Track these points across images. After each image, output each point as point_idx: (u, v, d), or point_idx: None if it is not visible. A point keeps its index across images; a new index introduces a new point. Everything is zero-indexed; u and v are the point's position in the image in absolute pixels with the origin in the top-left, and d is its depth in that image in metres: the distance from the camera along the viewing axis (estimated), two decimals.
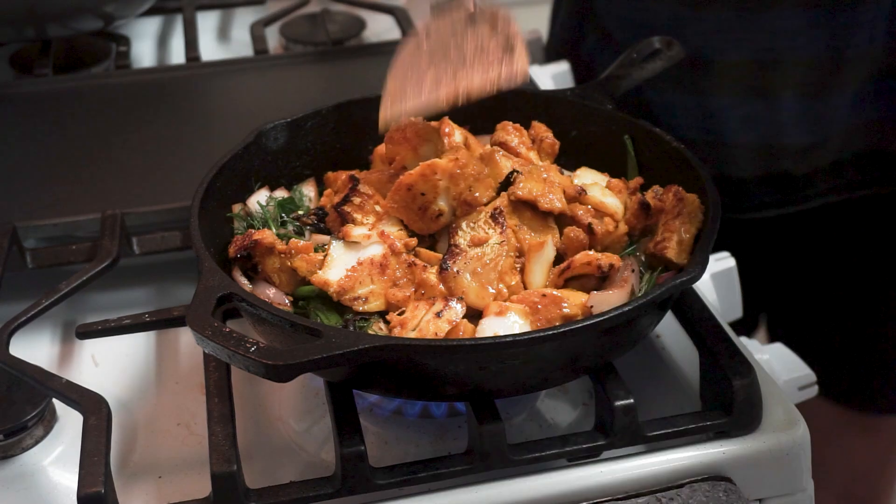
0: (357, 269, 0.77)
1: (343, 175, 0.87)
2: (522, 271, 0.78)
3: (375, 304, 0.77)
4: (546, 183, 0.81)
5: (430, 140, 0.86)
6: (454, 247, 0.77)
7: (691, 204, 0.81)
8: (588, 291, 0.76)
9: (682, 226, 0.80)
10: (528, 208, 0.80)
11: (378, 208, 0.82)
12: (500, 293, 0.76)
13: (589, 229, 0.80)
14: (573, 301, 0.74)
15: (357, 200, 0.81)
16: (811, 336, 1.36)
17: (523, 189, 0.80)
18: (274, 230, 0.83)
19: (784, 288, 1.39)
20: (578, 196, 0.82)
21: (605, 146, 0.91)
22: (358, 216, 0.81)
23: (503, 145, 0.87)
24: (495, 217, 0.78)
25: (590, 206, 0.82)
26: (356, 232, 0.79)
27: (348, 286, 0.76)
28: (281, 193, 0.88)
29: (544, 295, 0.74)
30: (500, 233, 0.78)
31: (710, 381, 0.78)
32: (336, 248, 0.79)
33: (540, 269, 0.78)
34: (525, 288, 0.78)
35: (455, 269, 0.75)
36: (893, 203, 1.27)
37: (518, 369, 0.70)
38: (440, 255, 0.78)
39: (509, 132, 0.88)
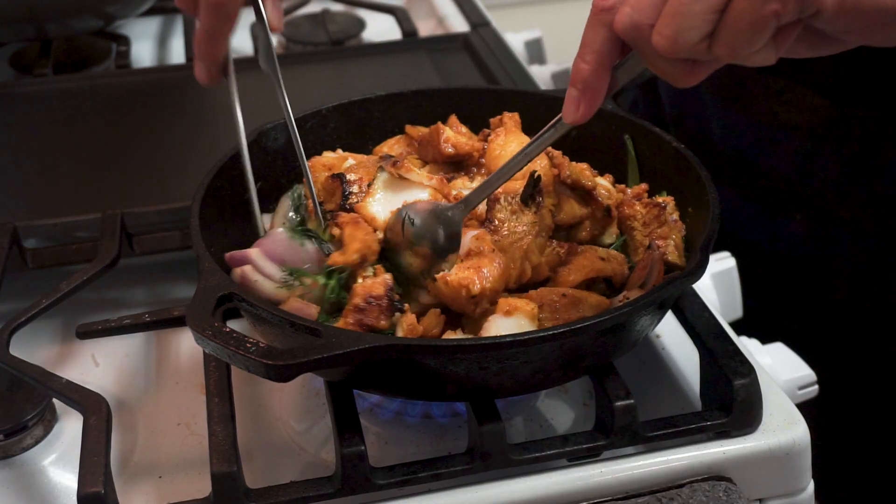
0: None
1: (325, 177, 0.86)
2: (561, 263, 0.80)
3: None
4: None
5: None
6: (489, 222, 0.78)
7: (671, 210, 0.82)
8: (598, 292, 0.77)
9: (671, 231, 0.81)
10: (568, 188, 0.84)
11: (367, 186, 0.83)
12: (524, 273, 0.77)
13: (607, 211, 0.84)
14: (590, 303, 0.74)
15: (355, 189, 0.82)
16: None
17: (573, 172, 0.84)
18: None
19: None
20: None
21: (605, 146, 0.91)
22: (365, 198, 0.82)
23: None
24: (534, 197, 0.80)
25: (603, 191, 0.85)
26: (414, 177, 0.82)
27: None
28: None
29: (564, 294, 0.74)
30: (535, 213, 0.79)
31: (710, 381, 0.78)
32: (382, 182, 0.82)
33: (581, 279, 0.79)
34: (553, 276, 0.78)
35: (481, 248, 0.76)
36: None
37: (518, 369, 0.70)
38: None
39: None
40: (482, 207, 0.80)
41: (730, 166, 1.15)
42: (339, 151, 0.90)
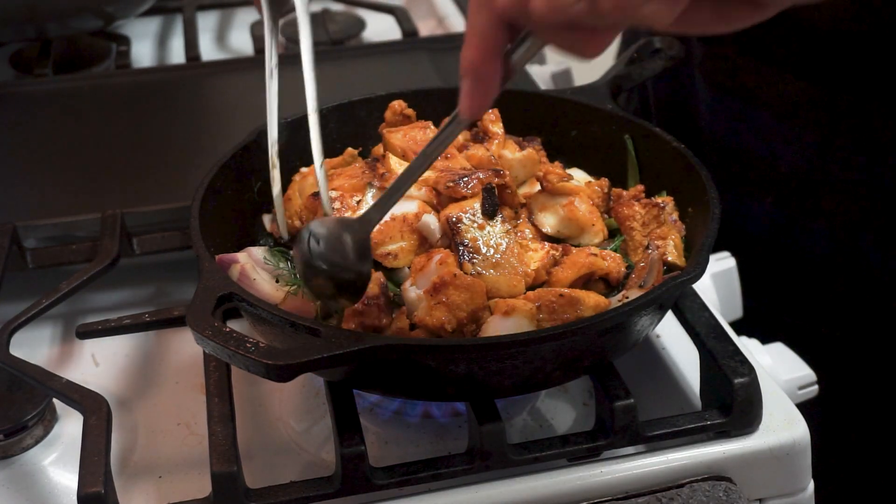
0: (389, 225, 0.78)
1: (306, 197, 0.85)
2: (555, 264, 0.79)
3: (404, 262, 0.78)
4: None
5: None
6: (462, 245, 0.77)
7: (670, 210, 0.82)
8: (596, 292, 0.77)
9: (671, 231, 0.81)
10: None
11: (354, 202, 0.82)
12: (527, 275, 0.77)
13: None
14: (588, 303, 0.74)
15: (337, 205, 0.82)
16: None
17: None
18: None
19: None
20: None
21: (605, 146, 0.91)
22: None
23: (486, 131, 0.90)
24: (496, 207, 0.79)
25: None
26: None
27: (380, 240, 0.78)
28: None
29: (562, 295, 0.74)
30: (502, 221, 0.78)
31: (710, 381, 0.78)
32: (371, 196, 0.81)
33: (574, 275, 0.78)
34: (548, 277, 0.78)
35: (478, 270, 0.76)
36: None
37: (518, 369, 0.70)
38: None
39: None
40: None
41: (709, 150, 1.15)
42: (302, 170, 0.90)
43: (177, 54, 1.44)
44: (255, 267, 0.78)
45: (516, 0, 0.58)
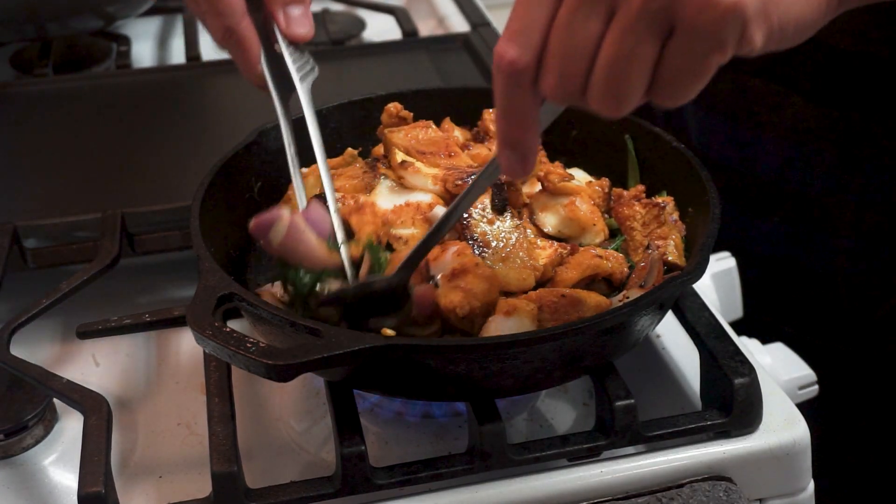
0: (404, 209, 0.79)
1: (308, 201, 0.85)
2: (561, 263, 0.79)
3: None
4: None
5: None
6: (471, 239, 0.77)
7: (671, 210, 0.82)
8: (598, 292, 0.77)
9: (671, 231, 0.81)
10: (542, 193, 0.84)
11: (354, 202, 0.82)
12: (536, 269, 0.77)
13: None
14: (590, 303, 0.74)
15: (339, 206, 0.82)
16: None
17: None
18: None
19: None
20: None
21: (605, 146, 0.91)
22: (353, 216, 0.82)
23: (487, 131, 0.91)
24: (505, 203, 0.80)
25: None
26: (419, 181, 0.82)
27: (392, 220, 0.79)
28: None
29: (564, 295, 0.74)
30: (511, 217, 0.79)
31: (710, 381, 0.78)
32: (386, 188, 0.82)
33: (579, 276, 0.78)
34: (553, 276, 0.78)
35: (488, 264, 0.76)
36: None
37: (518, 369, 0.70)
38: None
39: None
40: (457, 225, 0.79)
41: (709, 167, 1.15)
42: (303, 170, 0.89)
43: (177, 54, 1.45)
44: (305, 221, 0.76)
45: (573, 97, 0.58)
